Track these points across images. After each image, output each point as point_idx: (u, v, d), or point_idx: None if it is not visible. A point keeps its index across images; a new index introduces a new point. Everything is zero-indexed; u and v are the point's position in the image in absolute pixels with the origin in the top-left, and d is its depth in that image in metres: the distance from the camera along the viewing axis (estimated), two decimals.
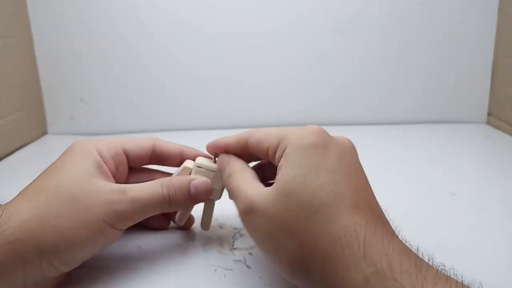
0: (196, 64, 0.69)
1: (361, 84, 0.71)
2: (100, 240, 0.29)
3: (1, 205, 0.29)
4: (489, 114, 0.71)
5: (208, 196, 0.34)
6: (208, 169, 0.34)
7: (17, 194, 0.31)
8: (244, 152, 0.33)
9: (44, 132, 0.70)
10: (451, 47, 0.69)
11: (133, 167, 0.36)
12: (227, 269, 0.32)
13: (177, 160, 0.36)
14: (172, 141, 0.38)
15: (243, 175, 0.31)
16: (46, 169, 0.31)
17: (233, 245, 0.36)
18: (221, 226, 0.37)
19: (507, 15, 0.66)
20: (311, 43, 0.69)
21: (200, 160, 0.35)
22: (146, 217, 0.31)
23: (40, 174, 0.31)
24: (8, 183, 0.52)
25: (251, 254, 0.34)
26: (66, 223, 0.27)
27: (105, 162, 0.32)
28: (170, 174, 0.37)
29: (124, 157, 0.34)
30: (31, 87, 0.68)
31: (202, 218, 0.36)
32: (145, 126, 0.71)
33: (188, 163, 0.35)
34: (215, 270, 0.32)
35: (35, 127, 0.69)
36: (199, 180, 0.33)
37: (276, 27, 0.68)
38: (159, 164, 0.37)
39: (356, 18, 0.68)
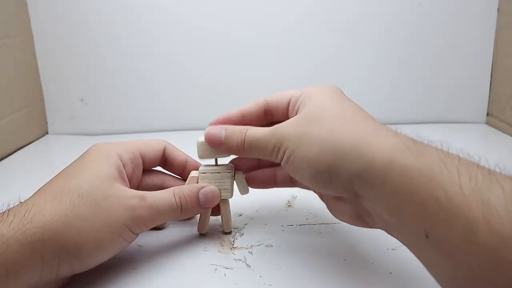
0: (197, 65, 0.69)
1: (360, 84, 0.71)
2: (120, 242, 0.30)
3: (21, 202, 0.29)
4: (488, 114, 0.71)
5: (217, 203, 0.35)
6: (213, 172, 0.35)
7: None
8: (261, 115, 0.35)
9: (45, 132, 0.71)
10: (451, 47, 0.69)
11: (146, 169, 0.37)
12: (227, 268, 0.32)
13: (180, 168, 0.38)
14: (172, 141, 0.39)
15: (256, 128, 0.33)
16: (66, 169, 0.32)
17: (233, 244, 0.36)
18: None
19: (507, 15, 0.66)
20: (311, 44, 0.69)
21: (202, 167, 0.36)
22: (158, 224, 0.33)
23: (60, 174, 0.31)
24: (8, 183, 0.52)
25: (251, 254, 0.34)
26: (89, 226, 0.28)
27: (124, 166, 0.33)
28: (179, 178, 0.39)
29: (140, 161, 0.36)
30: (31, 87, 0.68)
31: (222, 220, 0.37)
32: (145, 126, 0.71)
33: (193, 173, 0.36)
34: (215, 269, 0.32)
35: (36, 127, 0.69)
36: (208, 188, 0.34)
37: (275, 28, 0.68)
38: (163, 167, 0.38)
39: (356, 18, 0.68)
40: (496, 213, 0.20)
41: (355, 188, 0.27)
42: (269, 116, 0.36)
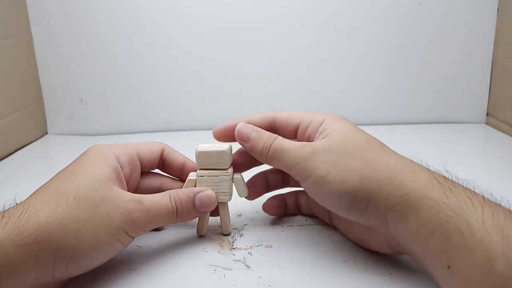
0: (196, 65, 0.69)
1: (359, 84, 0.71)
2: (116, 245, 0.30)
3: (17, 203, 0.29)
4: (488, 114, 0.71)
5: (213, 208, 0.35)
6: (211, 175, 0.35)
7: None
8: (266, 129, 0.36)
9: (44, 132, 0.71)
10: (451, 47, 0.69)
11: (144, 171, 0.37)
12: (227, 269, 0.32)
13: (179, 170, 0.38)
14: (172, 141, 0.39)
15: (285, 139, 0.34)
16: (63, 171, 0.32)
17: (232, 245, 0.36)
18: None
19: (507, 15, 0.66)
20: (312, 43, 0.69)
21: (200, 170, 0.35)
22: (154, 227, 0.33)
23: (57, 176, 0.31)
24: (8, 183, 0.52)
25: (251, 254, 0.34)
26: (85, 228, 0.28)
27: (121, 168, 0.33)
28: (177, 180, 0.38)
29: (138, 162, 0.35)
30: (31, 87, 0.68)
31: (221, 222, 0.37)
32: (145, 126, 0.71)
33: (191, 175, 0.36)
34: (215, 270, 0.32)
35: (35, 127, 0.69)
36: (204, 193, 0.34)
37: (274, 28, 0.68)
38: (161, 169, 0.38)
39: (357, 18, 0.68)
40: None
41: (388, 219, 0.29)
42: (275, 132, 0.36)
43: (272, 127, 0.36)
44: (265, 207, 0.39)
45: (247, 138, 0.34)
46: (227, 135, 0.36)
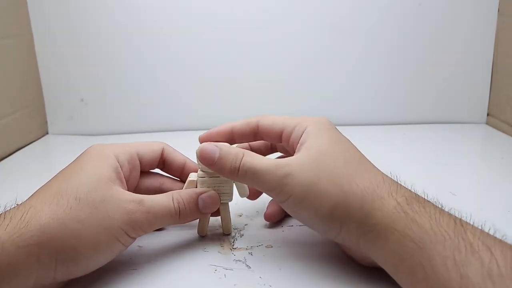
0: (196, 65, 0.69)
1: (359, 84, 0.71)
2: (117, 246, 0.30)
3: (18, 204, 0.29)
4: (489, 114, 0.71)
5: (216, 208, 0.35)
6: (212, 176, 0.35)
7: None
8: (250, 136, 0.35)
9: (45, 132, 0.71)
10: (451, 47, 0.69)
11: (144, 171, 0.37)
12: (227, 269, 0.32)
13: (179, 170, 0.38)
14: (172, 141, 0.39)
15: (254, 154, 0.32)
16: (63, 171, 0.32)
17: (233, 245, 0.36)
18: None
19: (507, 15, 0.66)
20: (312, 43, 0.69)
21: (201, 171, 0.35)
22: (156, 228, 0.32)
23: (57, 176, 0.31)
24: (8, 183, 0.52)
25: (251, 254, 0.34)
26: (86, 228, 0.28)
27: (121, 167, 0.33)
28: (177, 180, 0.38)
29: (138, 162, 0.35)
30: (31, 87, 0.68)
31: (222, 222, 0.37)
32: (145, 126, 0.71)
33: (192, 176, 0.36)
34: (215, 270, 0.32)
35: (35, 127, 0.69)
36: (207, 194, 0.34)
37: (274, 28, 0.68)
38: (161, 169, 0.38)
39: (357, 18, 0.68)
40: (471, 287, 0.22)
41: (360, 245, 0.29)
42: (259, 138, 0.36)
43: (256, 133, 0.36)
44: (267, 217, 0.39)
45: (211, 160, 0.32)
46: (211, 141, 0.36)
